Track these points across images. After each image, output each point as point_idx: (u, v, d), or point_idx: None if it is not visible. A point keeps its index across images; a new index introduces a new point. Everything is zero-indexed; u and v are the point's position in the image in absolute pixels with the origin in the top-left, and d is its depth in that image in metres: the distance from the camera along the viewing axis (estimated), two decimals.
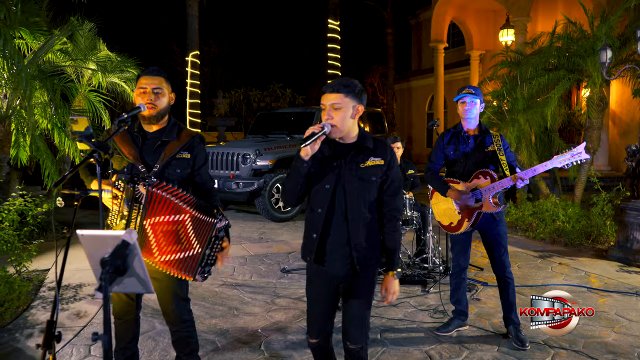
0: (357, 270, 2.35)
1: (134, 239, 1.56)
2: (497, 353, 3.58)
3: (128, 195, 2.39)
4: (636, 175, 6.07)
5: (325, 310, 2.47)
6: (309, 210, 2.40)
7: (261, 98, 20.06)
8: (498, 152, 3.62)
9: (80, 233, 1.61)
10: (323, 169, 2.31)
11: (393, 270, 2.39)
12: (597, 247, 6.67)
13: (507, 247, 3.78)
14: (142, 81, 2.58)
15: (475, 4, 18.67)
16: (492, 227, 3.68)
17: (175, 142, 2.60)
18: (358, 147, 2.35)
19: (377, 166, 2.34)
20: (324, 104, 2.30)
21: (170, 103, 2.68)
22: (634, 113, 13.07)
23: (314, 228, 2.36)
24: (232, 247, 6.73)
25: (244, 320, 4.20)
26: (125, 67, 7.41)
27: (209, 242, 2.43)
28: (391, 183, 2.38)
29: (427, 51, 22.77)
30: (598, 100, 7.92)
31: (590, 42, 7.76)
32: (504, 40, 15.59)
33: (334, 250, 2.35)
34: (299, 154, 2.25)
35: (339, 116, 2.26)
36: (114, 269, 1.58)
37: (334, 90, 2.29)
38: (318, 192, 2.33)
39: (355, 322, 2.42)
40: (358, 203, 2.31)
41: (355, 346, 2.43)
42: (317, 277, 2.45)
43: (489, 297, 4.79)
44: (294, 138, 9.47)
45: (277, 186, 8.73)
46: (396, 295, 2.39)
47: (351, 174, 2.31)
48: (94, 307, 4.48)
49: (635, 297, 4.72)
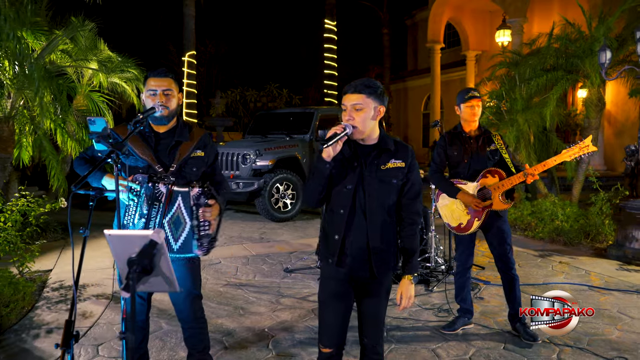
0: (375, 273, 2.32)
1: (162, 238, 1.58)
2: (503, 351, 3.62)
3: (148, 194, 2.43)
4: (635, 174, 6.14)
5: (343, 314, 2.37)
6: (329, 211, 2.35)
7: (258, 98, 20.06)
8: (501, 151, 3.67)
9: (108, 233, 1.62)
10: (344, 170, 2.27)
11: (410, 275, 2.35)
12: (596, 246, 6.74)
13: (512, 245, 3.82)
14: (152, 83, 2.59)
15: (471, 5, 18.77)
16: (497, 225, 3.73)
17: (189, 142, 2.63)
18: (379, 149, 2.31)
19: (398, 168, 2.30)
20: (345, 104, 2.27)
21: (179, 103, 2.71)
22: (628, 113, 13.20)
23: (336, 229, 2.30)
24: (234, 247, 6.82)
25: (250, 320, 4.22)
26: (125, 67, 7.41)
27: (190, 212, 2.47)
28: (412, 186, 2.36)
29: (423, 51, 22.86)
30: (596, 101, 7.99)
31: (588, 43, 7.83)
32: (501, 41, 15.67)
33: (354, 252, 2.30)
34: (321, 155, 2.21)
35: (361, 117, 2.24)
36: (141, 269, 1.60)
37: (355, 91, 2.25)
38: (339, 193, 2.29)
39: (372, 320, 2.41)
40: (377, 205, 2.29)
41: (373, 342, 2.42)
42: (335, 280, 2.36)
43: (492, 295, 4.84)
44: (293, 138, 9.49)
45: (276, 186, 8.75)
46: (412, 300, 2.35)
47: (372, 175, 2.27)
48: (99, 307, 4.49)
49: (636, 295, 4.77)
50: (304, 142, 9.45)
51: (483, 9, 18.87)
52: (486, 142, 3.74)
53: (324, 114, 10.07)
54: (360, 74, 27.49)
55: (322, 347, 2.39)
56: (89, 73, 7.17)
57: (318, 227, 8.24)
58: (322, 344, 2.39)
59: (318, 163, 2.23)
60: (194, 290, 2.69)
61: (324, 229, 2.42)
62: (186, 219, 2.51)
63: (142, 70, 7.69)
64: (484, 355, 3.56)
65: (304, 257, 6.18)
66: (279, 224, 8.61)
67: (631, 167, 6.16)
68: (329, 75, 20.69)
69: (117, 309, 4.44)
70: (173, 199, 2.48)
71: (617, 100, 13.49)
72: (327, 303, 2.39)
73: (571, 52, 8.16)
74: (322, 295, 2.42)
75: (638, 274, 5.50)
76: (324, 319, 2.41)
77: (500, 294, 4.84)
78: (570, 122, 14.46)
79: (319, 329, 2.44)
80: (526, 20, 13.90)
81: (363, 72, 27.62)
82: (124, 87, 7.36)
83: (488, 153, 3.72)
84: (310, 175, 2.30)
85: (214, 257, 6.21)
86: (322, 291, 2.43)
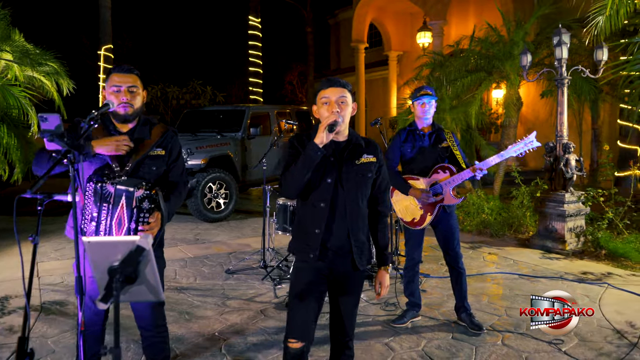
0: (357, 264, 2.36)
1: (150, 244, 1.47)
2: (452, 340, 3.76)
3: (97, 196, 2.27)
4: (553, 169, 6.62)
5: (315, 308, 2.38)
6: (309, 206, 2.34)
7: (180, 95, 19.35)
8: (452, 148, 3.81)
9: (87, 240, 1.49)
10: (322, 165, 2.29)
11: (387, 265, 2.46)
12: (518, 237, 7.20)
13: (459, 240, 3.98)
14: (115, 79, 2.44)
15: (393, 6, 19.32)
16: (446, 220, 3.87)
17: (149, 140, 2.49)
18: (352, 144, 2.38)
19: (371, 163, 2.38)
20: (328, 98, 2.29)
21: (144, 101, 2.55)
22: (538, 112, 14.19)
23: (316, 223, 2.31)
24: (169, 249, 6.56)
25: (198, 325, 4.07)
26: (43, 59, 6.85)
27: (131, 214, 2.31)
28: (382, 180, 2.46)
29: (346, 50, 23.22)
30: (515, 100, 8.53)
31: (508, 46, 8.33)
32: (422, 42, 16.26)
33: (335, 246, 2.34)
34: (314, 141, 2.20)
35: (346, 111, 2.30)
36: (125, 277, 1.49)
37: (340, 85, 2.31)
38: (319, 187, 2.30)
39: (349, 317, 2.46)
40: (356, 198, 2.34)
41: (347, 338, 2.48)
42: (310, 274, 2.36)
43: (433, 287, 5.01)
44: (224, 136, 9.27)
45: (209, 185, 8.52)
46: (387, 289, 2.46)
47: (349, 169, 2.33)
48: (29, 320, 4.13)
49: (561, 281, 5.15)
50: (236, 140, 9.27)
51: (404, 11, 19.49)
52: (438, 139, 3.86)
53: (255, 112, 9.95)
54: (284, 72, 27.48)
55: (293, 342, 2.33)
56: (1, 65, 6.56)
57: (254, 226, 8.13)
58: (294, 337, 2.34)
59: (309, 149, 2.21)
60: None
61: (300, 223, 2.41)
62: (125, 221, 2.34)
63: (62, 63, 7.17)
64: (435, 345, 3.68)
65: (245, 257, 6.07)
66: (213, 224, 8.39)
67: (550, 162, 6.63)
68: (254, 72, 20.49)
69: (49, 321, 4.12)
70: (117, 197, 2.32)
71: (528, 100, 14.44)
72: (301, 296, 2.36)
73: (492, 54, 8.65)
74: (297, 289, 2.39)
75: (559, 261, 5.95)
76: (298, 312, 2.37)
77: (440, 286, 5.05)
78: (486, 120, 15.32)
79: (290, 324, 2.38)
80: (446, 23, 14.54)
81: (287, 70, 27.60)
82: (43, 81, 6.81)
83: (440, 150, 3.84)
84: (293, 165, 2.27)
85: None
86: (297, 285, 2.40)
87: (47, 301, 4.59)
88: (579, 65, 6.70)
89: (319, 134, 2.20)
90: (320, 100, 2.32)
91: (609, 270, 5.52)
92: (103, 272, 1.50)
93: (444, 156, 3.86)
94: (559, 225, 6.40)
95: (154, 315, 2.53)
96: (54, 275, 5.40)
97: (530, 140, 3.54)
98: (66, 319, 4.17)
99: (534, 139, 3.54)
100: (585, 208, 6.50)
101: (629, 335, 3.79)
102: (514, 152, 3.60)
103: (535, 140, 3.54)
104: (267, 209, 5.70)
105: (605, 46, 6.28)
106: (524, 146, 3.55)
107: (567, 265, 5.75)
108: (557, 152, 6.54)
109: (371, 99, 21.58)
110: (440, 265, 5.77)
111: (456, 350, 3.59)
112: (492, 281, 5.24)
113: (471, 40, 9.17)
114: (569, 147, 6.44)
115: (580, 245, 6.36)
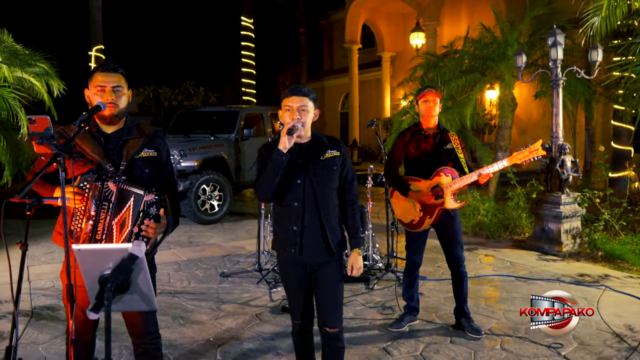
0: (333, 250, 2.57)
1: (143, 251, 1.40)
2: (450, 344, 3.71)
3: (97, 194, 2.20)
4: (549, 170, 6.59)
5: (306, 295, 2.68)
6: (284, 206, 2.57)
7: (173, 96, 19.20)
8: (457, 151, 3.75)
9: (77, 248, 1.42)
10: (290, 167, 2.51)
11: (358, 248, 2.67)
12: (514, 238, 7.17)
13: (462, 243, 3.91)
14: (99, 78, 2.35)
15: (386, 7, 19.32)
16: (449, 224, 3.80)
17: (136, 138, 2.42)
18: (316, 143, 2.61)
19: (335, 157, 2.60)
20: (290, 106, 2.51)
21: (129, 101, 2.48)
22: (531, 113, 14.20)
23: (293, 221, 2.54)
24: (162, 252, 6.46)
25: (192, 330, 4.00)
26: (33, 60, 6.73)
27: (137, 217, 2.25)
28: (348, 171, 2.67)
29: (339, 51, 23.21)
30: (510, 101, 8.51)
31: (502, 47, 8.31)
32: (415, 43, 16.26)
33: (311, 239, 2.55)
34: (278, 147, 2.41)
35: (307, 117, 2.53)
36: (116, 286, 1.42)
37: (301, 94, 2.53)
38: (290, 188, 2.53)
39: (332, 306, 2.63)
40: (326, 191, 2.57)
41: (334, 330, 2.63)
42: (294, 267, 2.63)
43: (430, 290, 4.96)
44: (218, 138, 9.19)
45: (203, 187, 8.43)
46: (361, 270, 2.67)
47: (316, 166, 2.55)
48: (19, 325, 4.03)
49: (558, 283, 5.12)
50: (230, 142, 9.19)
51: (397, 12, 19.50)
52: (442, 141, 3.81)
53: (248, 113, 9.88)
54: (277, 73, 27.40)
55: (294, 320, 2.74)
56: None
57: (248, 228, 8.06)
58: (295, 318, 2.74)
59: (274, 155, 2.43)
60: None
61: (279, 222, 2.64)
62: (129, 223, 2.28)
63: (53, 64, 7.05)
64: (434, 350, 3.63)
65: (240, 260, 6.00)
66: (206, 226, 8.30)
67: (546, 164, 6.60)
68: (247, 73, 20.38)
69: (40, 327, 4.03)
70: (125, 199, 2.25)
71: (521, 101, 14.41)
72: (291, 288, 2.70)
73: (486, 55, 8.62)
74: (286, 282, 2.75)
75: (556, 263, 5.92)
76: (293, 299, 2.72)
77: (437, 289, 5.00)
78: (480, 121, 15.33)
79: (289, 307, 2.77)
80: (439, 24, 14.55)
81: (279, 71, 27.51)
82: (32, 82, 6.69)
83: (444, 152, 3.79)
84: (263, 171, 2.50)
85: None
86: (285, 279, 2.75)
87: (37, 306, 4.49)
88: (573, 66, 6.67)
89: (281, 139, 2.42)
90: (284, 108, 2.54)
91: (606, 272, 5.49)
92: (94, 280, 1.43)
93: (447, 159, 3.79)
94: (555, 227, 6.37)
95: (146, 322, 2.45)
96: (44, 279, 5.30)
97: (536, 149, 3.49)
98: (57, 324, 4.08)
99: (540, 148, 3.50)
100: (581, 209, 6.48)
101: (628, 338, 3.76)
102: (518, 160, 3.54)
103: (540, 149, 3.49)
104: (262, 211, 5.62)
105: (600, 47, 6.27)
106: (529, 154, 3.50)
107: (564, 267, 5.73)
108: (553, 153, 6.52)
109: (364, 100, 21.56)
110: (437, 268, 5.72)
111: (455, 355, 3.54)
112: (489, 284, 5.20)
113: (465, 41, 9.15)
114: (565, 148, 6.42)
115: (577, 246, 6.34)
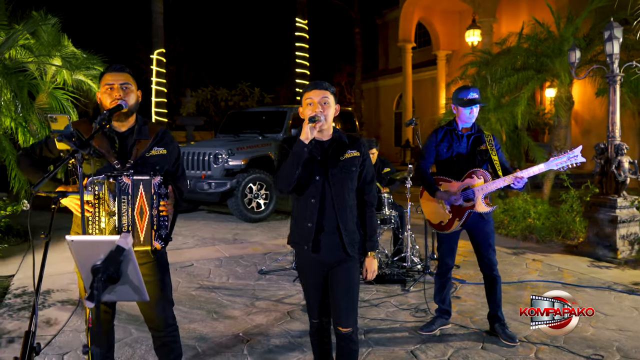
0: (348, 251, 2.51)
1: (130, 243, 1.46)
2: (481, 350, 3.59)
3: (113, 191, 2.29)
4: (604, 172, 6.23)
5: (322, 294, 2.65)
6: (301, 201, 2.55)
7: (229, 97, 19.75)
8: (491, 152, 3.62)
9: (70, 239, 1.49)
10: (310, 163, 2.49)
11: (373, 251, 2.62)
12: (567, 243, 6.83)
13: (495, 246, 3.78)
14: (108, 78, 2.45)
15: (441, 5, 18.94)
16: (481, 226, 3.68)
17: (146, 139, 2.51)
18: (336, 142, 2.56)
19: (355, 157, 2.55)
20: (312, 99, 2.47)
21: (138, 100, 2.56)
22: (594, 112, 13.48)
23: (309, 218, 2.51)
24: (206, 248, 6.66)
25: (224, 324, 4.09)
26: (91, 64, 7.13)
27: (151, 201, 2.37)
28: (367, 172, 2.62)
29: (394, 50, 22.97)
30: (565, 100, 8.12)
31: (557, 42, 7.94)
32: (471, 41, 15.84)
33: (327, 238, 2.51)
34: (299, 138, 2.40)
35: (328, 111, 2.48)
36: (107, 277, 1.48)
37: (323, 88, 2.49)
38: (309, 185, 2.51)
39: (346, 306, 2.56)
40: (343, 191, 2.52)
41: (347, 330, 2.56)
42: (311, 265, 2.60)
43: (468, 294, 4.82)
44: (266, 137, 9.35)
45: (249, 186, 8.60)
46: (375, 273, 2.65)
47: (334, 166, 2.51)
48: (65, 314, 4.29)
49: (608, 292, 4.83)
50: (277, 141, 9.32)
51: (453, 9, 19.06)
52: (477, 142, 3.69)
53: (297, 113, 9.96)
54: (332, 73, 27.50)
55: (312, 319, 2.74)
56: (52, 70, 6.87)
57: None
58: (312, 317, 2.73)
59: (296, 146, 2.41)
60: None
61: (295, 218, 2.62)
62: (147, 208, 2.38)
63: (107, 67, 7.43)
64: (463, 355, 3.52)
65: (279, 258, 6.07)
66: (252, 224, 8.47)
67: (601, 165, 6.25)
68: (301, 74, 20.59)
69: (84, 316, 4.25)
70: (135, 188, 2.35)
71: (584, 99, 13.78)
72: (307, 286, 2.69)
73: (540, 51, 8.26)
74: (303, 280, 2.73)
75: (609, 270, 5.59)
76: (309, 298, 2.71)
77: (475, 293, 4.85)
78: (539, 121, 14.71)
79: (307, 305, 2.76)
80: (495, 20, 14.10)
81: (335, 71, 27.60)
82: (90, 84, 7.08)
83: (477, 153, 3.66)
84: (284, 162, 2.47)
85: (187, 260, 6.05)
86: (302, 277, 2.74)
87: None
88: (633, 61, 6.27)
89: (303, 128, 2.39)
90: (305, 102, 2.50)
91: None
92: (88, 271, 1.49)
93: (481, 160, 3.66)
94: (611, 232, 6.02)
95: (163, 315, 2.53)
96: None
97: (575, 155, 3.30)
98: None
99: (579, 154, 3.31)
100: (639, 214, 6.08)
101: None
102: (554, 166, 3.37)
103: (580, 156, 3.30)
104: None
105: None
106: (567, 160, 3.32)
107: (618, 275, 5.39)
108: (609, 153, 6.16)
109: (420, 100, 21.23)
110: (477, 272, 5.51)
111: None
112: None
113: (519, 38, 8.81)
114: (622, 149, 6.05)
115: (635, 253, 5.96)
